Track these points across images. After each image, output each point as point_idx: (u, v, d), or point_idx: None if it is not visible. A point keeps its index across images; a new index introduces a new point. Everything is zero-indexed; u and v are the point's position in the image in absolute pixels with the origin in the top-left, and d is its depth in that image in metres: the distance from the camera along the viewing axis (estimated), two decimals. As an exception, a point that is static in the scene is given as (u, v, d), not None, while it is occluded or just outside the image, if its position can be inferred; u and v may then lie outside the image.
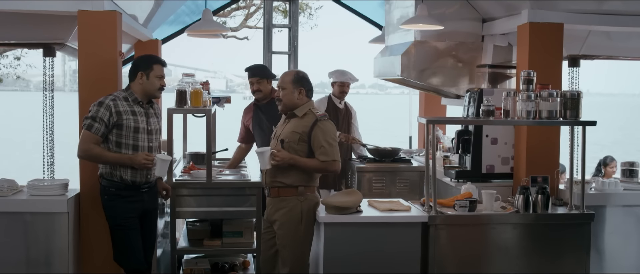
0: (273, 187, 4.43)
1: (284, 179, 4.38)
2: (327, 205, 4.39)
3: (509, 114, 4.63)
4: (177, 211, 5.21)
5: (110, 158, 4.31)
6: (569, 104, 4.57)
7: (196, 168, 5.62)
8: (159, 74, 4.44)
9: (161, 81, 4.46)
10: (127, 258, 4.41)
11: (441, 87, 6.19)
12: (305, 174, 4.40)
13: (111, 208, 4.40)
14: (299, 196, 4.38)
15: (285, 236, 4.40)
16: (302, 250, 4.43)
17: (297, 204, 4.38)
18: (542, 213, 4.57)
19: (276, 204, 4.43)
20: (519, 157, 5.26)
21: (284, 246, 4.41)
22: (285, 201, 4.40)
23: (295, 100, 4.41)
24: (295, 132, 4.36)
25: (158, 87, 4.45)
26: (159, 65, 4.44)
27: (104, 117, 4.26)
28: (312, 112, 4.41)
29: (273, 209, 4.46)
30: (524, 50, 5.17)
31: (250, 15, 14.32)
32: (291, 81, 4.42)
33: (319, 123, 4.35)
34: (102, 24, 4.69)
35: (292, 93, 4.40)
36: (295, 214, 4.38)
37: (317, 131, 4.33)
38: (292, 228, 4.39)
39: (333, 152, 4.34)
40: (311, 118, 4.38)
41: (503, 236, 4.54)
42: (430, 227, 4.43)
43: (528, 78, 4.59)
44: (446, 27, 5.89)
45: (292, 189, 4.39)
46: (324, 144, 4.31)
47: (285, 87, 4.42)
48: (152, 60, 4.47)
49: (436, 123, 4.61)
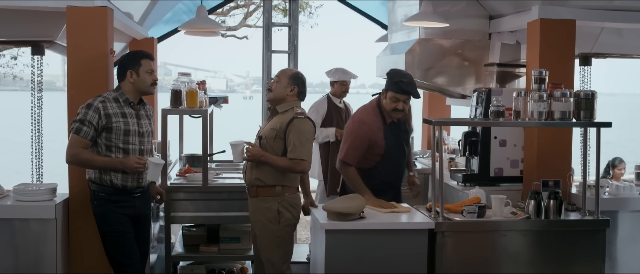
0: (252, 186, 4.34)
1: (263, 178, 4.28)
2: (328, 211, 4.18)
3: (519, 115, 4.41)
4: (172, 216, 5.06)
5: (100, 163, 4.10)
6: (583, 104, 4.35)
7: (192, 171, 5.43)
8: (148, 68, 4.22)
9: (152, 76, 4.25)
10: (125, 267, 4.19)
11: (446, 86, 5.98)
12: (282, 173, 4.28)
13: (102, 215, 4.18)
14: (276, 196, 4.28)
15: (263, 237, 4.31)
16: (280, 253, 4.31)
17: (273, 204, 4.28)
18: (555, 219, 4.34)
19: (255, 204, 4.35)
20: (529, 160, 5.05)
21: (264, 248, 4.32)
22: (263, 201, 4.31)
23: (285, 95, 4.32)
24: (273, 129, 4.28)
25: (150, 83, 4.24)
26: (147, 60, 4.23)
27: (93, 120, 4.05)
28: (292, 110, 4.31)
29: (252, 209, 4.39)
30: (534, 48, 4.96)
31: (250, 14, 14.17)
32: (289, 76, 4.35)
33: (295, 121, 4.24)
34: (92, 21, 4.49)
35: (286, 87, 4.32)
36: (272, 215, 4.28)
37: (292, 128, 4.23)
38: (269, 228, 4.28)
39: (302, 152, 4.22)
40: (289, 115, 4.28)
41: (513, 243, 4.32)
42: (437, 234, 4.21)
43: (540, 77, 4.37)
44: (452, 25, 5.70)
45: (270, 189, 4.28)
46: (295, 142, 4.21)
47: (281, 79, 4.34)
48: (139, 55, 4.26)
49: (444, 125, 4.40)
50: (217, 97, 6.22)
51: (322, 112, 6.26)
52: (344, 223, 4.14)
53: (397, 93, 4.49)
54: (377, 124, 4.56)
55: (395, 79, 4.52)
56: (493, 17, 5.89)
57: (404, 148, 4.70)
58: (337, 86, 6.35)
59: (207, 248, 5.29)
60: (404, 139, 4.70)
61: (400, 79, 4.50)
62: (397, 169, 4.70)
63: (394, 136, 4.61)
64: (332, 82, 6.40)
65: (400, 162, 4.71)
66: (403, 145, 4.69)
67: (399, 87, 4.48)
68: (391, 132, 4.60)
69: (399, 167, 4.71)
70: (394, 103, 4.51)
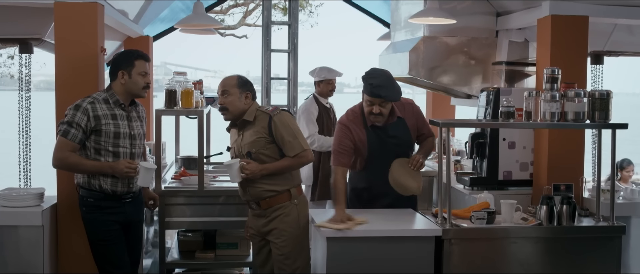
0: (262, 199, 4.08)
1: (274, 187, 4.05)
2: (323, 227, 3.95)
3: (531, 116, 4.20)
4: (166, 222, 4.85)
5: (88, 167, 3.90)
6: (598, 104, 4.14)
7: (188, 174, 5.23)
8: (141, 70, 4.01)
9: (145, 78, 4.03)
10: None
11: (452, 86, 5.78)
12: (289, 174, 4.10)
13: (91, 221, 3.98)
14: (293, 199, 4.09)
15: (284, 245, 4.07)
16: (304, 258, 4.14)
17: (293, 208, 4.09)
18: (568, 226, 4.12)
19: (269, 215, 4.10)
20: (539, 163, 4.84)
21: (287, 257, 4.07)
22: (279, 208, 4.07)
23: (243, 105, 4.06)
24: (258, 138, 4.03)
25: (142, 86, 4.02)
26: (141, 61, 4.02)
27: (81, 123, 3.85)
28: (262, 111, 4.09)
29: (266, 221, 4.11)
30: (545, 46, 4.76)
31: (249, 13, 13.97)
32: (237, 86, 4.07)
33: (274, 118, 4.03)
34: (81, 17, 4.31)
35: (239, 98, 4.05)
36: (293, 219, 4.08)
37: (276, 127, 4.01)
38: (292, 234, 4.07)
39: (299, 144, 4.03)
40: (264, 117, 4.05)
41: (524, 251, 4.10)
42: (444, 241, 3.99)
43: (552, 76, 4.16)
44: (458, 22, 5.50)
45: (285, 195, 4.08)
46: (287, 138, 4.00)
47: (230, 93, 4.04)
48: (133, 55, 4.04)
49: (452, 126, 4.17)
50: (214, 97, 6.03)
51: (315, 113, 6.06)
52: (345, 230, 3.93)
53: (368, 96, 4.19)
54: (358, 127, 4.30)
55: (366, 79, 4.20)
56: (500, 14, 5.68)
57: (396, 154, 4.33)
58: (323, 85, 6.16)
59: (203, 254, 5.13)
60: (396, 145, 4.34)
61: (371, 80, 4.18)
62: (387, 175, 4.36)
63: (378, 140, 4.32)
64: (317, 82, 6.20)
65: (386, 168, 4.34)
66: (394, 151, 4.33)
67: (369, 90, 4.17)
68: (375, 136, 4.31)
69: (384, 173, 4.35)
70: (369, 107, 4.20)
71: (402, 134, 4.36)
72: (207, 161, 6.15)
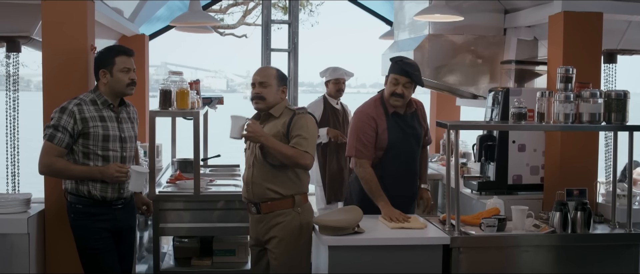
0: (264, 201, 3.85)
1: (279, 189, 3.83)
2: (320, 224, 3.76)
3: (543, 118, 3.98)
4: (161, 228, 4.64)
5: (77, 172, 3.69)
6: (614, 105, 3.92)
7: (184, 178, 5.03)
8: (123, 66, 3.78)
9: (129, 75, 3.80)
10: None
11: (458, 86, 5.58)
12: (297, 179, 3.88)
13: (79, 229, 3.77)
14: (296, 207, 3.86)
15: (282, 254, 3.85)
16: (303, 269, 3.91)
17: (295, 216, 3.85)
18: (583, 233, 3.90)
19: (269, 221, 3.87)
20: (551, 167, 4.63)
21: (283, 265, 3.86)
22: (281, 215, 3.85)
23: (278, 98, 3.93)
24: (277, 133, 3.85)
25: (127, 83, 3.79)
26: (122, 57, 3.79)
27: (68, 126, 3.64)
28: (288, 109, 3.94)
29: (265, 228, 3.89)
30: (556, 44, 4.55)
31: (249, 12, 13.80)
32: (277, 78, 3.94)
33: (297, 117, 3.86)
34: (69, 15, 4.12)
35: (277, 91, 3.92)
36: (294, 228, 3.85)
37: (295, 125, 3.84)
38: (292, 243, 3.85)
39: (307, 145, 3.82)
40: (288, 114, 3.90)
41: (537, 259, 3.88)
42: (452, 250, 3.77)
43: (566, 75, 3.94)
44: (464, 20, 5.30)
45: (288, 201, 3.86)
46: (300, 133, 3.81)
47: (270, 83, 3.90)
48: (113, 52, 3.82)
49: (461, 128, 3.95)
50: (212, 98, 5.86)
51: (318, 113, 5.98)
52: (348, 238, 3.71)
53: (395, 74, 4.13)
54: (379, 114, 4.18)
55: (395, 60, 4.19)
56: (508, 11, 5.48)
57: (413, 145, 4.25)
58: (331, 85, 6.09)
59: (199, 261, 4.95)
60: (412, 135, 4.25)
61: (402, 59, 4.18)
62: (407, 167, 4.26)
63: (399, 129, 4.21)
64: (326, 82, 6.14)
65: (409, 159, 4.27)
66: (411, 142, 4.25)
67: (399, 67, 4.13)
68: (395, 124, 4.20)
69: (408, 165, 4.27)
70: (393, 86, 4.13)
71: (418, 127, 4.29)
72: (204, 163, 5.97)
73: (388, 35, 7.09)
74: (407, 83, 4.11)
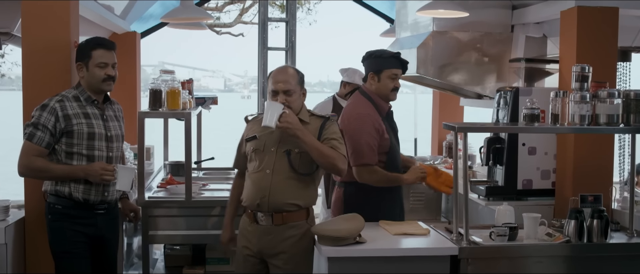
0: (278, 212, 3.50)
1: (299, 201, 3.51)
2: (319, 234, 3.50)
3: (557, 119, 3.73)
4: (150, 235, 4.38)
5: (58, 172, 3.46)
6: (633, 106, 3.69)
7: (175, 182, 4.78)
8: (99, 61, 3.54)
9: (106, 70, 3.56)
10: None
11: (463, 85, 5.34)
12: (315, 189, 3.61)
13: (56, 231, 3.54)
14: (309, 218, 3.58)
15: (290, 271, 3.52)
16: None
17: (306, 229, 3.55)
18: (600, 243, 3.66)
19: (280, 234, 3.51)
20: (563, 171, 4.39)
21: None
22: (293, 227, 3.52)
23: (300, 104, 3.61)
24: None
25: (102, 78, 3.55)
26: (100, 50, 3.56)
27: (48, 124, 3.41)
28: (315, 115, 3.64)
29: (274, 241, 3.52)
30: (569, 41, 4.31)
31: (245, 11, 13.59)
32: (299, 81, 3.59)
33: (329, 122, 3.59)
34: (51, 10, 3.90)
35: (299, 97, 3.60)
36: (307, 243, 3.56)
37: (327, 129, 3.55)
38: (302, 261, 3.55)
39: (344, 150, 3.57)
40: (318, 120, 3.59)
41: (550, 270, 3.63)
42: (460, 261, 3.53)
43: (582, 74, 3.70)
44: (470, 16, 5.07)
45: (303, 212, 3.55)
46: (336, 137, 3.54)
47: (294, 88, 3.54)
48: (90, 44, 3.59)
49: (469, 131, 3.69)
50: (205, 98, 5.61)
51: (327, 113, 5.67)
52: (348, 248, 3.46)
53: (395, 68, 4.02)
54: (378, 116, 3.99)
55: (387, 54, 4.06)
56: (516, 7, 5.24)
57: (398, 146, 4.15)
58: (347, 87, 5.77)
59: (191, 270, 4.77)
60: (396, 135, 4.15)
61: (392, 53, 4.07)
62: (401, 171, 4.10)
63: (391, 130, 4.06)
64: (343, 82, 5.80)
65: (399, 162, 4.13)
66: (398, 142, 4.15)
67: (399, 61, 4.04)
68: (389, 126, 4.05)
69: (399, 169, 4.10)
70: (393, 81, 4.03)
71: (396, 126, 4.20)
72: (198, 167, 5.73)
73: (389, 33, 6.87)
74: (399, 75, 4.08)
